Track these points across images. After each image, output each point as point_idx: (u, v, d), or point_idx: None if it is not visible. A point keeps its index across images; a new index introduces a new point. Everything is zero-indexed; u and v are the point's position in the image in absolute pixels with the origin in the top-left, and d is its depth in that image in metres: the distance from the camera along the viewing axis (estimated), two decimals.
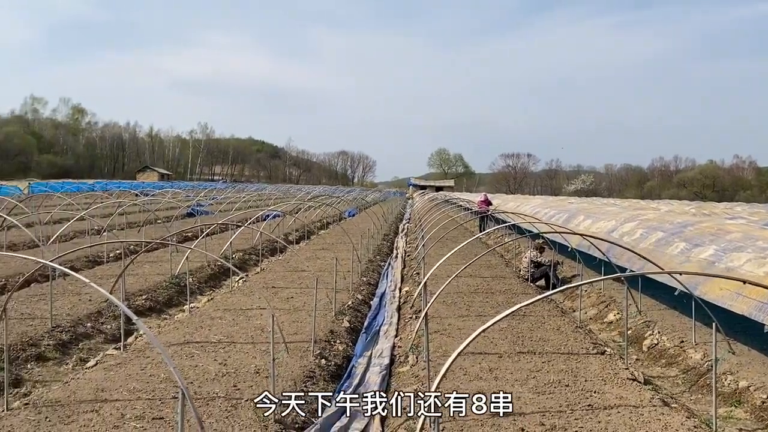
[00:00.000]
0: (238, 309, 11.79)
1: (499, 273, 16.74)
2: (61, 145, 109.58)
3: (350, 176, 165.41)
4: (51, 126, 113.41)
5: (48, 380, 8.21)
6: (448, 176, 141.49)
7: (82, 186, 61.13)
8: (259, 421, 6.23)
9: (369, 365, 8.96)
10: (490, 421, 6.38)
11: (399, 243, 25.21)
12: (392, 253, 22.38)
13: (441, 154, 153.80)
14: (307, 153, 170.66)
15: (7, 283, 13.65)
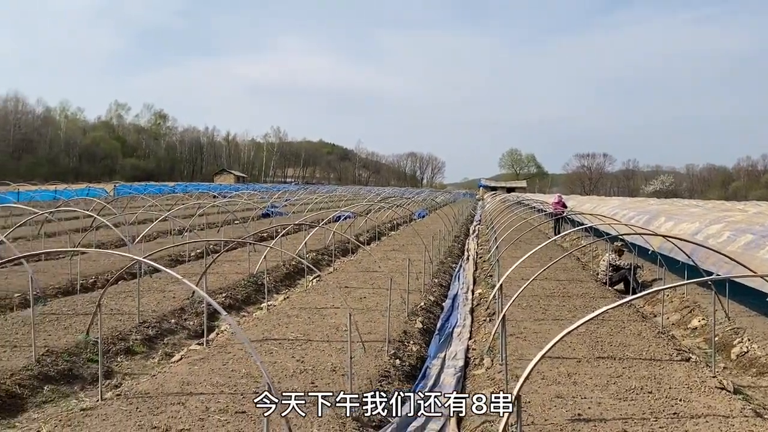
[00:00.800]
0: (313, 308, 12.02)
1: (575, 276, 16.34)
2: (144, 149, 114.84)
3: (419, 177, 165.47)
4: (134, 131, 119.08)
5: (136, 373, 8.61)
6: (519, 177, 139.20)
7: (164, 188, 63.85)
8: (337, 419, 6.32)
9: (443, 367, 8.93)
10: (570, 426, 6.24)
11: (470, 245, 25.00)
12: (463, 255, 22.21)
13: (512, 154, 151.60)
14: (376, 155, 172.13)
15: (96, 280, 14.43)
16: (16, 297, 12.10)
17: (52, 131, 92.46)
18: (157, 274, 15.56)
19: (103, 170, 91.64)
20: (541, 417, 6.51)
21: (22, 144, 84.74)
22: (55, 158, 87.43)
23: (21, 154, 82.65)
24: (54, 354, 8.46)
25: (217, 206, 34.58)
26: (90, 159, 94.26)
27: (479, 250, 22.94)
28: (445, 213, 32.77)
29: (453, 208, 43.09)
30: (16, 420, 6.81)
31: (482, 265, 19.25)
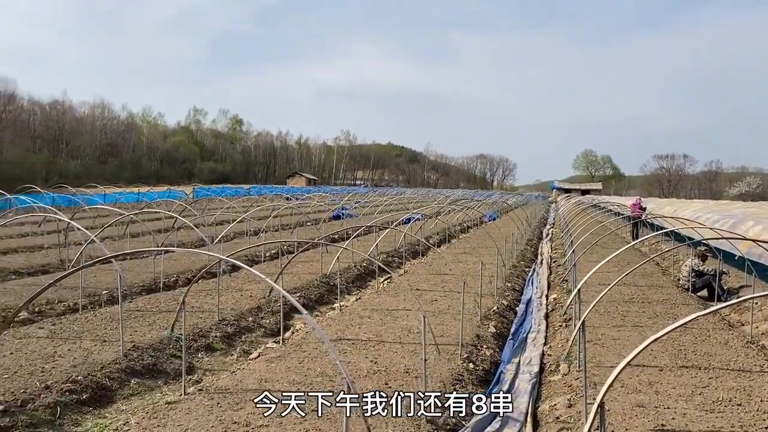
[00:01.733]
0: (385, 309, 12.08)
1: (655, 282, 15.72)
2: (221, 153, 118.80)
3: (489, 180, 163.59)
4: (212, 135, 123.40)
5: (216, 369, 8.90)
6: (594, 179, 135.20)
7: (239, 191, 65.80)
8: (411, 420, 6.32)
9: (518, 372, 8.79)
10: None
11: (543, 248, 24.49)
12: (536, 259, 21.79)
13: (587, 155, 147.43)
14: (445, 157, 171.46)
15: (178, 278, 15.01)
16: (104, 294, 12.76)
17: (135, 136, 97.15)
18: (234, 273, 16.07)
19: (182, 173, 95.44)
20: (622, 426, 6.30)
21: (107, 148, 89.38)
22: (138, 162, 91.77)
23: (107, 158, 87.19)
24: (140, 349, 8.86)
25: (290, 208, 35.33)
26: (170, 162, 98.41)
27: (553, 254, 22.44)
28: (516, 216, 32.24)
29: (525, 211, 42.34)
30: (105, 411, 7.17)
31: (557, 269, 18.82)
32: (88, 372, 7.75)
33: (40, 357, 8.35)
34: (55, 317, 10.88)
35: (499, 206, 48.43)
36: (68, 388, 7.25)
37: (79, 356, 8.45)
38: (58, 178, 59.96)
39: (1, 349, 8.57)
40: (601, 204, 44.49)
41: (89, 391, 7.35)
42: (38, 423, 6.55)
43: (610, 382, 4.15)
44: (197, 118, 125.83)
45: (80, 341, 9.18)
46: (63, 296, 12.32)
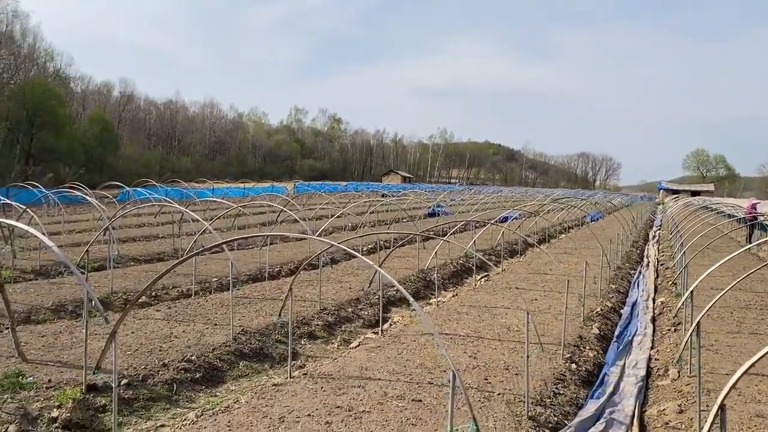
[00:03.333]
0: (483, 306, 11.98)
1: None
2: (320, 151, 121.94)
3: (591, 179, 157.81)
4: (311, 134, 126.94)
5: (318, 356, 9.18)
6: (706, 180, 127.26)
7: (337, 187, 67.36)
8: (513, 416, 6.26)
9: (623, 375, 8.46)
10: None
11: (650, 251, 23.39)
12: (642, 261, 20.84)
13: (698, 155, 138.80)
14: (544, 155, 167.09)
15: (281, 269, 15.58)
16: (213, 281, 13.47)
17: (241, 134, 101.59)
18: (334, 266, 16.49)
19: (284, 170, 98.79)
20: None
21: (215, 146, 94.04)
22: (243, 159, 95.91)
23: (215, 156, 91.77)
24: (248, 333, 9.29)
25: (386, 205, 35.72)
26: (273, 160, 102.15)
27: (660, 257, 21.38)
28: (621, 217, 30.93)
29: (630, 212, 40.54)
30: (216, 390, 7.58)
31: (664, 272, 17.92)
32: (201, 353, 8.23)
33: (157, 337, 8.95)
34: (170, 301, 11.62)
35: (602, 207, 46.66)
36: (183, 366, 7.73)
37: (193, 338, 8.98)
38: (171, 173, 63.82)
39: (124, 329, 9.25)
40: (712, 206, 41.84)
41: (202, 371, 7.80)
42: (157, 397, 7.03)
43: (733, 383, 3.93)
44: (298, 117, 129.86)
45: (193, 324, 9.75)
46: (177, 282, 13.12)
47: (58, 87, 55.75)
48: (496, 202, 48.59)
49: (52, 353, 8.07)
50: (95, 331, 8.88)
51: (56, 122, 48.90)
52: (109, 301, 11.26)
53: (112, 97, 78.79)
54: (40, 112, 46.44)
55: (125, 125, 76.09)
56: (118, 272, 13.60)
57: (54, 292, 11.56)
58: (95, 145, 56.26)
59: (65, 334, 9.00)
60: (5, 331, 8.99)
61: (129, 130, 76.79)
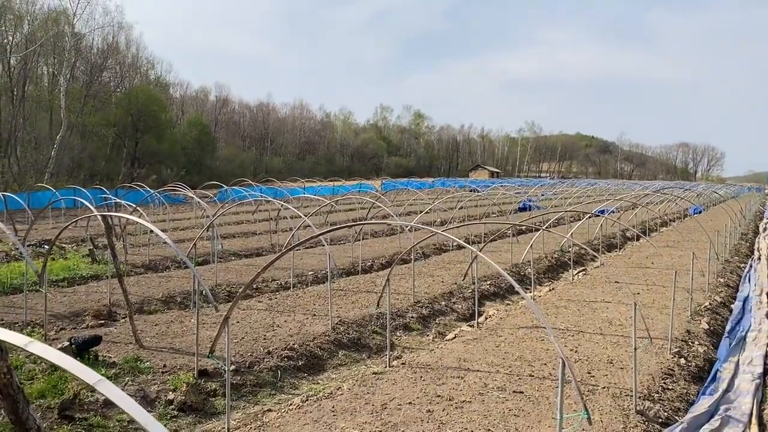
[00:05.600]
0: (581, 300, 11.65)
1: None
2: (405, 148, 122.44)
3: (692, 170, 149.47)
4: (397, 131, 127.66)
5: (414, 347, 9.25)
6: None
7: (424, 184, 67.38)
8: (619, 410, 6.06)
9: (737, 371, 7.99)
10: None
11: (761, 244, 21.90)
12: (753, 255, 19.55)
13: None
14: (640, 146, 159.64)
15: (373, 263, 15.78)
16: (309, 275, 13.85)
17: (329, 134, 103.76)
18: (423, 260, 16.53)
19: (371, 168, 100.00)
20: None
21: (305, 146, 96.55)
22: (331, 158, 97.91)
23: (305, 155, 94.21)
24: (345, 324, 9.50)
25: (474, 200, 35.37)
26: (360, 158, 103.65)
27: None
28: (726, 209, 29.16)
29: (737, 203, 38.11)
30: (318, 377, 7.80)
31: None
32: (302, 341, 8.49)
33: (261, 326, 9.31)
34: (270, 293, 12.05)
35: (706, 199, 44.13)
36: (286, 354, 8.01)
37: (294, 327, 9.27)
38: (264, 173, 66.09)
39: (231, 319, 9.68)
40: None
41: (304, 359, 8.05)
42: (262, 383, 7.32)
43: None
44: (384, 115, 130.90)
45: (293, 314, 10.07)
46: (276, 275, 13.59)
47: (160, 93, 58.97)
48: (591, 196, 46.97)
49: (165, 340, 8.57)
50: (203, 320, 9.34)
51: (158, 127, 51.78)
52: (215, 293, 11.81)
53: (208, 102, 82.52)
54: (144, 118, 49.32)
55: (221, 128, 79.49)
56: (221, 266, 14.24)
57: (163, 285, 12.26)
58: (194, 148, 59.11)
59: (176, 323, 9.53)
60: (122, 320, 9.64)
61: (224, 132, 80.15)
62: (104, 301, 10.52)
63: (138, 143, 49.99)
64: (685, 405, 6.75)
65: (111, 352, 7.93)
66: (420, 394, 6.47)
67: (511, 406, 6.14)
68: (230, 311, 5.45)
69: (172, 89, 73.81)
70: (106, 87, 51.84)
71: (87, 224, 18.29)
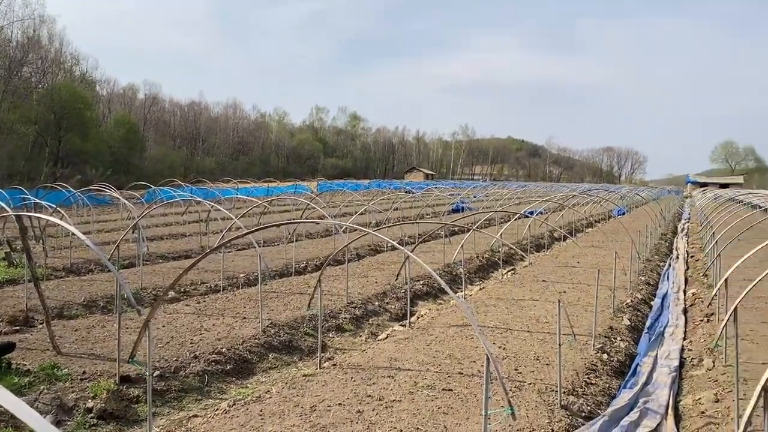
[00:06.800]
0: (510, 299, 11.90)
1: None
2: (342, 150, 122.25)
3: (616, 174, 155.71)
4: (333, 132, 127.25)
5: (346, 348, 9.20)
6: (735, 172, 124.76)
7: (360, 185, 67.45)
8: (545, 405, 6.20)
9: (655, 365, 8.34)
10: None
11: (679, 243, 23.02)
12: (672, 254, 20.52)
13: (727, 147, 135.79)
14: (568, 150, 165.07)
15: (307, 265, 15.64)
16: (241, 277, 13.58)
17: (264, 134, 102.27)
18: (357, 262, 16.52)
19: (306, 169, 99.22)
20: None
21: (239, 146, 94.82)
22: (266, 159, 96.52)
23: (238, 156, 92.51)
24: (276, 326, 9.35)
25: (409, 201, 35.65)
26: (296, 159, 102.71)
27: (690, 249, 21.04)
28: (647, 210, 30.50)
29: (657, 205, 39.94)
30: (247, 381, 7.64)
31: (694, 264, 17.64)
32: (230, 345, 8.29)
33: (188, 330, 9.04)
34: (199, 297, 11.73)
35: (629, 201, 46.04)
36: (214, 358, 7.80)
37: (222, 331, 9.05)
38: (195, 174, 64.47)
39: (155, 322, 9.35)
40: (741, 198, 41.03)
41: (232, 363, 7.87)
42: (189, 389, 7.10)
43: None
44: (320, 116, 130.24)
45: (222, 317, 9.84)
46: (205, 278, 13.25)
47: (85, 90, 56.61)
48: (521, 198, 48.20)
49: (85, 346, 8.20)
50: (127, 325, 8.99)
51: (83, 125, 49.67)
52: (139, 297, 11.39)
53: (137, 100, 79.84)
54: (68, 116, 47.19)
55: (150, 127, 77.04)
56: (147, 269, 13.78)
57: (85, 289, 11.75)
58: (121, 147, 57.05)
59: (98, 328, 9.14)
60: (40, 326, 9.16)
61: (154, 131, 77.74)
62: (20, 306, 9.98)
63: (61, 142, 47.81)
64: (607, 399, 6.98)
65: (26, 359, 7.53)
66: (350, 394, 6.43)
67: (440, 404, 6.18)
68: (151, 314, 5.26)
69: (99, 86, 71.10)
70: (26, 83, 49.31)
71: (3, 226, 17.33)
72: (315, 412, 5.94)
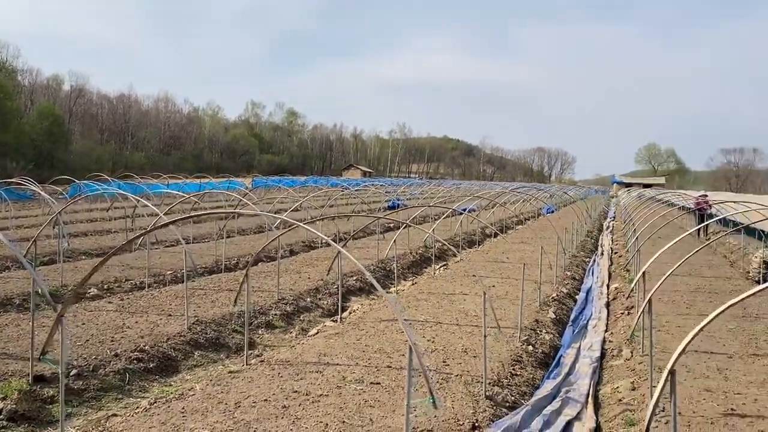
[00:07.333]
0: (441, 293, 12.05)
1: (723, 273, 15.12)
2: (278, 146, 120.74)
3: (547, 173, 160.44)
4: (270, 128, 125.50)
5: (276, 345, 9.08)
6: (657, 173, 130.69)
7: (296, 182, 66.82)
8: (470, 396, 6.29)
9: (578, 356, 8.62)
10: (723, 420, 5.78)
11: (604, 240, 23.90)
12: (597, 250, 21.28)
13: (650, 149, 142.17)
14: (501, 150, 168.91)
15: (238, 261, 15.34)
16: (168, 274, 13.18)
17: (197, 129, 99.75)
18: (292, 257, 16.35)
19: (242, 165, 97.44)
20: (689, 409, 6.10)
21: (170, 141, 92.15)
22: (199, 154, 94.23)
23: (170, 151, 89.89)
24: (203, 323, 9.12)
25: (345, 197, 35.59)
26: (230, 155, 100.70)
27: (614, 246, 21.88)
28: (575, 209, 31.55)
29: (584, 205, 41.37)
30: (171, 379, 7.42)
31: (618, 260, 18.36)
32: (154, 343, 8.04)
33: (109, 328, 8.70)
34: (123, 294, 11.32)
35: (558, 200, 47.50)
36: (136, 356, 7.54)
37: (146, 328, 8.76)
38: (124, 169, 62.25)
39: (74, 320, 8.97)
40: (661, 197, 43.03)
41: (156, 361, 7.62)
42: (108, 387, 6.83)
43: (683, 347, 4.03)
44: (255, 111, 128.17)
45: (147, 315, 9.53)
46: (130, 275, 12.81)
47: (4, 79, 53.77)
48: (455, 195, 48.92)
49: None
50: (43, 323, 8.58)
51: (3, 116, 47.20)
52: (59, 294, 10.89)
53: (62, 91, 76.37)
54: None
55: (76, 119, 73.90)
56: (68, 266, 13.21)
57: (0, 287, 11.14)
58: (45, 140, 54.51)
59: (11, 326, 8.68)
60: None
61: (80, 124, 74.59)
62: None
63: None
64: (531, 389, 7.15)
65: None
66: (277, 390, 6.34)
67: (367, 398, 6.18)
68: (64, 308, 5.02)
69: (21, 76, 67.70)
70: None
71: None
72: (239, 409, 5.82)
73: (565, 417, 6.30)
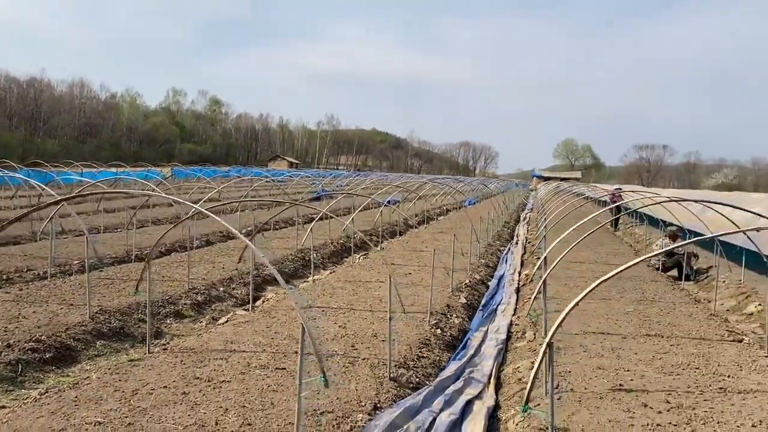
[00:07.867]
0: (358, 281, 12.12)
1: (627, 261, 15.93)
2: (201, 135, 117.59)
3: (472, 167, 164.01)
4: (192, 117, 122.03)
5: (184, 334, 8.87)
6: (574, 168, 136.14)
7: (218, 171, 65.31)
8: (375, 378, 6.38)
9: (485, 339, 8.88)
10: (611, 395, 6.12)
11: (520, 231, 24.71)
12: (512, 240, 21.98)
13: (568, 144, 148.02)
14: (428, 144, 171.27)
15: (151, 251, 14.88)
16: (75, 263, 12.64)
17: (114, 116, 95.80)
18: (207, 248, 16.01)
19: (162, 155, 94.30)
20: (581, 386, 6.42)
21: (86, 128, 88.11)
22: (117, 142, 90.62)
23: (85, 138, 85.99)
24: (107, 313, 8.81)
25: (269, 188, 35.13)
26: (150, 143, 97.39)
27: (529, 236, 22.64)
28: (496, 201, 32.41)
29: (505, 197, 42.56)
30: (69, 370, 7.13)
31: (531, 248, 19.00)
32: (52, 332, 7.70)
33: (3, 318, 8.27)
34: (22, 284, 10.76)
35: (480, 192, 48.61)
36: (31, 347, 7.19)
37: (44, 318, 8.38)
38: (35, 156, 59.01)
39: None
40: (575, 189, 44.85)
41: (53, 351, 7.30)
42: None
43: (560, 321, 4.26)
44: (177, 99, 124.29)
45: (46, 305, 9.11)
46: (33, 265, 12.22)
47: None
48: (381, 187, 49.19)
49: None
50: None
51: None
52: None
53: None
54: None
55: None
56: None
57: None
58: None
59: None
60: None
61: None
62: None
63: None
64: (436, 371, 7.32)
65: None
66: (178, 378, 6.21)
67: (270, 383, 6.15)
68: None
69: None
70: None
71: None
72: (136, 396, 5.67)
73: (467, 396, 6.48)
